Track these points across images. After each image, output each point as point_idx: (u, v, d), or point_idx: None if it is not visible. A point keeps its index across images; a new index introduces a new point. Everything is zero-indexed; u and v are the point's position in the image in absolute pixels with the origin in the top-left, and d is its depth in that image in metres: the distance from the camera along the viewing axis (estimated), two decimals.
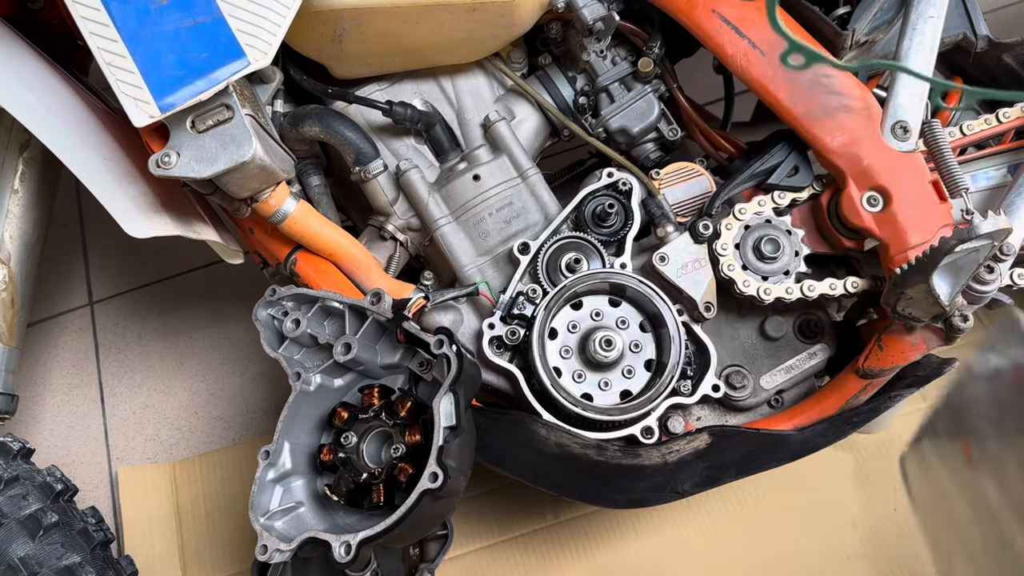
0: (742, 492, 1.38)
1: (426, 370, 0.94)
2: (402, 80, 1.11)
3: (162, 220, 0.97)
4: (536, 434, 0.93)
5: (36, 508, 1.03)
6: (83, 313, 1.74)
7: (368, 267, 1.04)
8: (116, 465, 1.56)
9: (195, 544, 1.42)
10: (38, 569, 0.98)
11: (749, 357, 1.05)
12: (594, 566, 1.35)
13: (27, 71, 1.00)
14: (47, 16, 1.17)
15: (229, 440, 1.57)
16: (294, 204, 0.97)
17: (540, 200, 1.06)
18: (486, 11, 0.96)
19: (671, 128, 1.13)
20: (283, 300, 0.95)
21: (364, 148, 1.05)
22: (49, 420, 1.62)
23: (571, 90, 1.13)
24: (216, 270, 1.75)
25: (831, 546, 1.33)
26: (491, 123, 1.07)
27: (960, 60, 1.16)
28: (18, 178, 1.18)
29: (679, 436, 0.98)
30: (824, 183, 1.03)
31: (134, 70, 0.81)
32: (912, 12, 0.99)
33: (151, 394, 1.63)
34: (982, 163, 1.07)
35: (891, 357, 0.95)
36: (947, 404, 1.42)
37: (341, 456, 0.89)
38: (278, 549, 0.80)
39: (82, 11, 0.81)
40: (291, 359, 0.94)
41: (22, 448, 1.10)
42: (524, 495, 1.39)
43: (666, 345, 0.95)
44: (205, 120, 0.84)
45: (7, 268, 1.17)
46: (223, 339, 1.68)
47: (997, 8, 1.91)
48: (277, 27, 0.84)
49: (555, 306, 0.97)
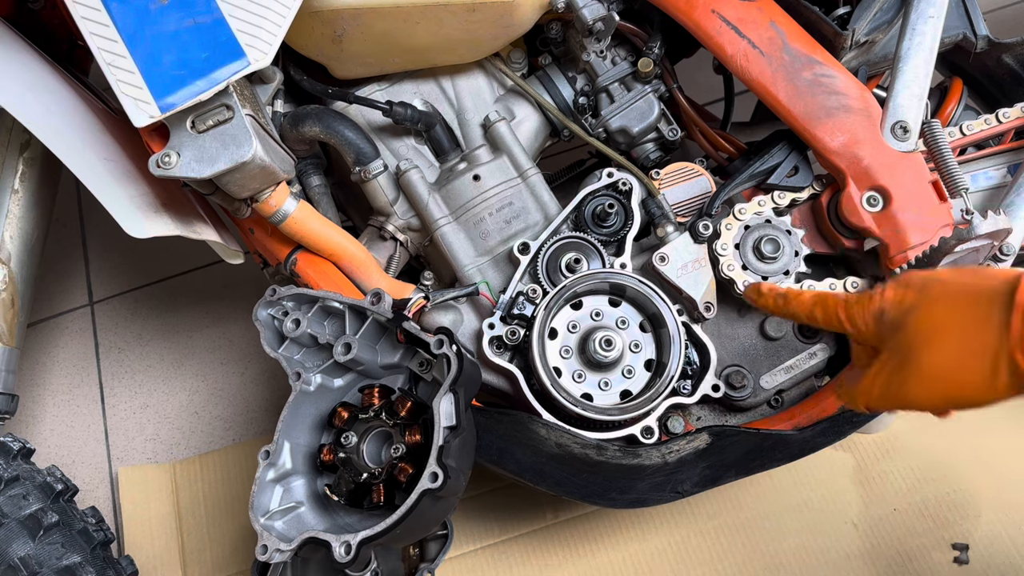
0: (742, 492, 1.38)
1: (426, 370, 0.94)
2: (402, 80, 1.11)
3: (162, 220, 0.97)
4: (536, 434, 0.93)
5: (36, 508, 1.03)
6: (83, 313, 1.74)
7: (368, 267, 1.04)
8: (116, 465, 1.56)
9: (195, 544, 1.42)
10: (38, 569, 0.98)
11: (749, 357, 1.05)
12: (594, 566, 1.35)
13: (27, 71, 1.00)
14: (47, 16, 1.17)
15: (229, 440, 1.57)
16: (294, 204, 0.97)
17: (540, 200, 1.06)
18: (486, 11, 0.96)
19: (671, 128, 1.13)
20: (283, 300, 0.94)
21: (364, 148, 1.05)
22: (49, 420, 1.62)
23: (571, 90, 1.13)
24: (216, 270, 1.75)
25: (831, 546, 1.33)
26: (491, 123, 1.07)
27: (960, 60, 1.16)
28: (18, 178, 1.18)
29: (679, 436, 0.98)
30: (824, 183, 1.03)
31: (134, 70, 0.81)
32: (912, 12, 0.99)
33: (151, 394, 1.63)
34: (982, 163, 1.07)
35: None
36: None
37: (341, 456, 0.89)
38: (278, 549, 0.80)
39: (82, 11, 0.81)
40: (291, 359, 0.94)
41: (22, 448, 1.10)
42: (524, 495, 1.39)
43: (666, 345, 0.95)
44: (205, 120, 0.84)
45: (7, 268, 1.17)
46: (223, 339, 1.68)
47: (997, 8, 1.91)
48: (277, 27, 0.84)
49: (555, 306, 0.97)
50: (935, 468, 1.38)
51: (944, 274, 0.69)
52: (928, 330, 0.66)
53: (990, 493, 1.35)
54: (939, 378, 0.65)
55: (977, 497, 1.35)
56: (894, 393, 0.69)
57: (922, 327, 0.66)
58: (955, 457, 1.39)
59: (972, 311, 0.63)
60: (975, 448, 1.39)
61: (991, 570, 1.29)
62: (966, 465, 1.38)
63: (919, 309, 0.67)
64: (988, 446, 1.39)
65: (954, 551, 1.31)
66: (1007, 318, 0.60)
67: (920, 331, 0.67)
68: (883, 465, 1.39)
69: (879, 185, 0.95)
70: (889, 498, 1.36)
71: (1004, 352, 0.61)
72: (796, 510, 1.36)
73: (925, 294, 0.68)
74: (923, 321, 0.67)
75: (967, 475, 1.37)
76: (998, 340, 0.61)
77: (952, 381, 0.65)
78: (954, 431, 1.41)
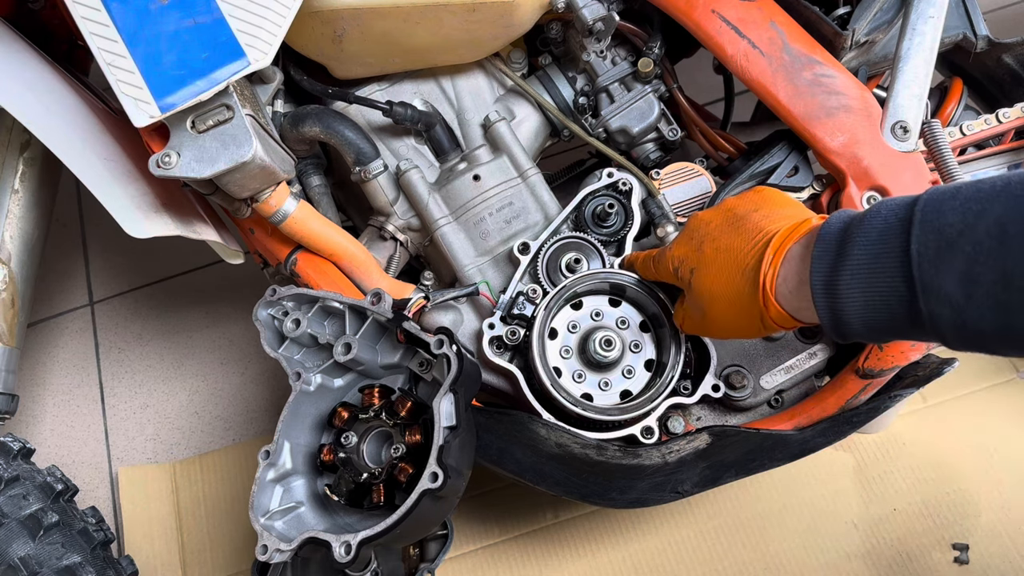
0: (742, 492, 1.38)
1: (426, 370, 0.94)
2: (402, 80, 1.11)
3: (162, 220, 0.97)
4: (536, 434, 0.93)
5: (36, 508, 1.03)
6: (83, 313, 1.74)
7: (368, 267, 1.04)
8: (116, 465, 1.56)
9: (195, 544, 1.43)
10: (38, 569, 0.98)
11: (749, 357, 1.05)
12: (594, 566, 1.35)
13: (27, 71, 1.00)
14: (47, 16, 1.17)
15: (229, 440, 1.57)
16: (294, 204, 0.96)
17: (540, 200, 1.06)
18: (486, 11, 0.96)
19: (671, 128, 1.13)
20: (283, 300, 0.94)
21: (364, 148, 1.05)
22: (49, 420, 1.62)
23: (571, 90, 1.13)
24: (216, 270, 1.75)
25: (831, 546, 1.33)
26: (491, 123, 1.07)
27: (960, 60, 1.16)
28: (18, 178, 1.18)
29: (679, 436, 0.98)
30: (824, 183, 1.03)
31: (134, 70, 0.81)
32: (912, 12, 0.99)
33: (151, 394, 1.63)
34: (982, 163, 1.07)
35: (891, 357, 0.95)
36: None
37: (341, 456, 0.89)
38: (278, 549, 0.80)
39: (82, 11, 0.81)
40: (291, 359, 0.94)
41: (22, 448, 1.10)
42: (524, 495, 1.39)
43: (666, 345, 0.95)
44: (205, 120, 0.84)
45: (7, 268, 1.17)
46: (223, 339, 1.68)
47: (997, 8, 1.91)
48: (277, 27, 0.84)
49: (555, 306, 0.97)
50: (935, 468, 1.38)
51: (717, 227, 0.80)
52: (708, 294, 0.79)
53: (990, 493, 1.35)
54: (725, 327, 0.80)
55: (977, 497, 1.35)
56: (698, 329, 0.87)
57: (703, 292, 0.79)
58: (955, 457, 1.39)
59: (735, 285, 0.75)
60: (975, 448, 1.39)
61: (991, 570, 1.30)
62: (966, 465, 1.38)
63: (698, 273, 0.80)
64: (988, 446, 1.39)
65: (954, 551, 1.31)
66: (756, 292, 0.72)
67: (702, 295, 0.80)
68: (883, 465, 1.39)
69: (879, 185, 0.95)
70: (889, 498, 1.37)
71: (760, 316, 0.73)
72: (796, 510, 1.36)
73: (701, 256, 0.80)
74: (703, 287, 0.79)
75: (967, 475, 1.37)
76: (755, 308, 0.73)
77: (734, 329, 0.79)
78: (954, 431, 1.41)
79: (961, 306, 0.54)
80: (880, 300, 0.60)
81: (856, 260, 0.61)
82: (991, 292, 0.52)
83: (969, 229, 0.53)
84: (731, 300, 0.76)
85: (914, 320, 0.58)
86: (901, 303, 0.58)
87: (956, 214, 0.55)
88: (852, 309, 0.62)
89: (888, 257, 0.59)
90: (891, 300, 0.59)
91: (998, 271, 0.52)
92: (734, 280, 0.75)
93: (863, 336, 0.64)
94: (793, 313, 0.70)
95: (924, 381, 1.00)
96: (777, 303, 0.71)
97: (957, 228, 0.54)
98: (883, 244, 0.59)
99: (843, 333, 0.65)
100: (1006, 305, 0.52)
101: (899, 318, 0.59)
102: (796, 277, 0.69)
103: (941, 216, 0.56)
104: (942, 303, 0.55)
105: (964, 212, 0.54)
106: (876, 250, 0.60)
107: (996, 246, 0.52)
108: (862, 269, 0.61)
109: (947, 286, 0.54)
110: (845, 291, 0.62)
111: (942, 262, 0.55)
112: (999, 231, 0.52)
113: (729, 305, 0.76)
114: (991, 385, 1.45)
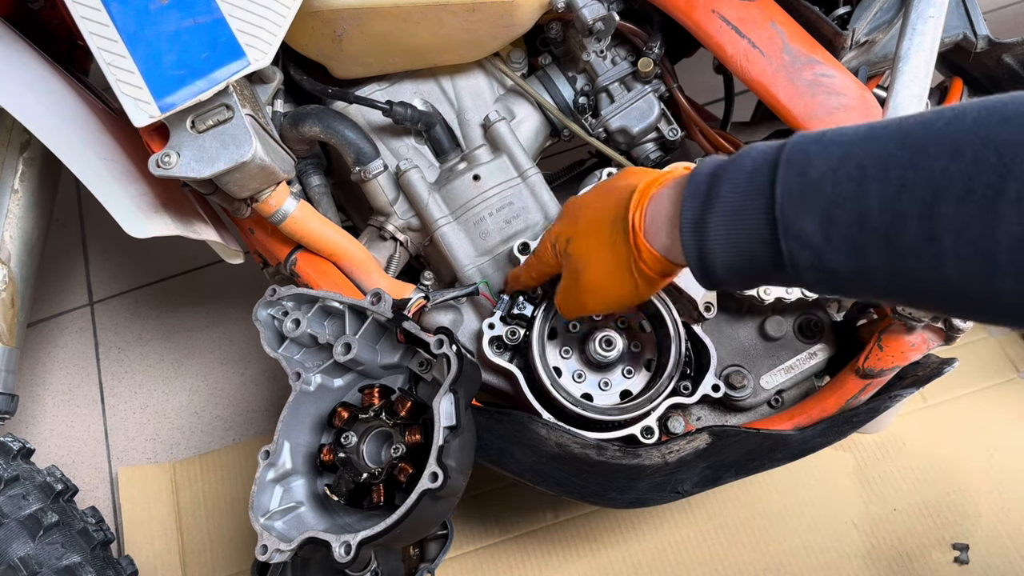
0: (742, 492, 1.38)
1: (426, 370, 0.94)
2: (402, 80, 1.11)
3: (162, 220, 0.97)
4: (536, 434, 0.93)
5: (36, 508, 1.03)
6: (83, 313, 1.74)
7: (368, 267, 1.04)
8: (116, 465, 1.56)
9: (195, 544, 1.43)
10: (38, 569, 0.98)
11: (749, 357, 1.05)
12: (594, 566, 1.35)
13: (27, 71, 1.00)
14: (47, 16, 1.17)
15: (229, 440, 1.57)
16: (294, 204, 0.97)
17: (540, 200, 1.06)
18: (486, 11, 0.96)
19: (671, 128, 1.13)
20: (283, 300, 0.94)
21: (364, 148, 1.05)
22: (49, 420, 1.62)
23: (571, 90, 1.13)
24: (216, 270, 1.75)
25: (831, 546, 1.33)
26: (491, 123, 1.07)
27: (960, 60, 1.16)
28: (18, 178, 1.18)
29: (679, 436, 0.98)
30: None
31: (134, 70, 0.81)
32: (912, 12, 0.99)
33: (151, 394, 1.63)
34: None
35: (891, 357, 0.95)
36: None
37: (341, 456, 0.89)
38: (278, 549, 0.80)
39: (82, 11, 0.81)
40: (291, 359, 0.94)
41: (22, 448, 1.11)
42: (524, 495, 1.39)
43: (666, 345, 0.95)
44: (205, 120, 0.84)
45: (7, 268, 1.17)
46: (223, 339, 1.68)
47: (997, 8, 1.91)
48: (277, 27, 0.84)
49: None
50: (935, 468, 1.38)
51: (589, 197, 0.81)
52: (583, 257, 0.79)
53: (990, 493, 1.35)
54: (599, 292, 0.79)
55: (977, 497, 1.35)
56: (574, 304, 0.84)
57: (579, 255, 0.79)
58: (955, 457, 1.39)
59: (607, 236, 0.75)
60: (975, 448, 1.39)
61: (991, 570, 1.30)
62: (966, 465, 1.38)
63: (574, 240, 0.80)
64: (988, 446, 1.39)
65: (954, 551, 1.31)
66: (627, 238, 0.72)
67: (578, 258, 0.80)
68: (883, 465, 1.39)
69: None
70: (889, 498, 1.37)
71: (633, 265, 0.72)
72: (796, 510, 1.36)
73: (577, 225, 0.80)
74: (578, 250, 0.80)
75: (967, 475, 1.37)
76: (627, 256, 0.73)
77: (609, 293, 0.78)
78: (954, 431, 1.41)
79: (819, 247, 0.55)
80: (744, 240, 0.60)
81: (724, 200, 0.61)
82: (848, 234, 0.53)
83: (831, 171, 0.54)
84: (604, 256, 0.76)
85: (775, 261, 0.59)
86: (763, 244, 0.59)
87: (820, 157, 0.56)
88: (718, 248, 0.63)
89: (754, 196, 0.59)
90: (754, 240, 0.60)
91: (855, 213, 0.52)
92: (604, 231, 0.75)
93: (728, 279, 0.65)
94: (664, 253, 0.70)
95: (924, 381, 1.00)
96: (647, 243, 0.71)
97: (820, 170, 0.55)
98: (750, 184, 0.60)
99: (709, 274, 0.65)
100: (860, 246, 0.53)
101: (761, 258, 0.60)
102: (665, 216, 0.69)
103: (806, 159, 0.56)
104: (802, 244, 0.56)
105: (827, 155, 0.55)
106: (744, 189, 0.60)
107: (855, 188, 0.53)
108: (729, 208, 0.61)
109: (807, 227, 0.55)
110: (713, 230, 0.62)
111: (804, 203, 0.55)
112: (859, 174, 0.53)
113: (603, 263, 0.76)
114: (991, 385, 1.45)
